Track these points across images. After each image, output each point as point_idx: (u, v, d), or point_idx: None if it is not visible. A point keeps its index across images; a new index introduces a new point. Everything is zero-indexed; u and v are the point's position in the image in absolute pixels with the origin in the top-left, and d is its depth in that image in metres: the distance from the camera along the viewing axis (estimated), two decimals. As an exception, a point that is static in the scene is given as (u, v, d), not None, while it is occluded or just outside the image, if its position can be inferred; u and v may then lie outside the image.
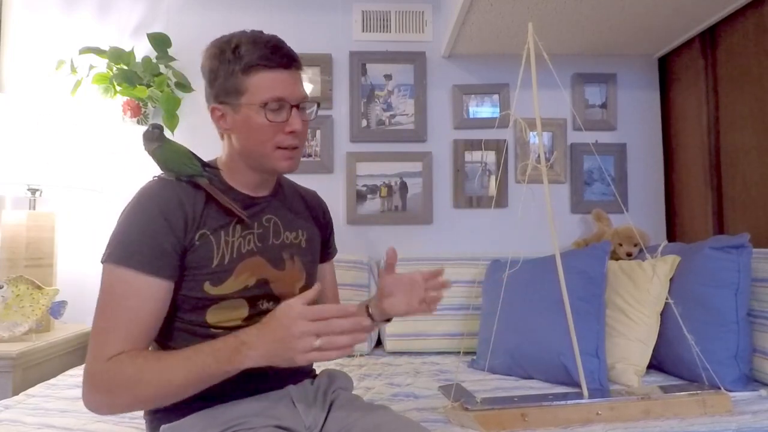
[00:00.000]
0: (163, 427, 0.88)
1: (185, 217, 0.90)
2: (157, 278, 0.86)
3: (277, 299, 0.97)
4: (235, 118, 0.95)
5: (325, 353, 0.74)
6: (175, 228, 0.88)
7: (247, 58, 0.92)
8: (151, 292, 0.86)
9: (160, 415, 0.90)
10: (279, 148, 0.94)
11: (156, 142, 0.94)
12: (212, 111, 0.98)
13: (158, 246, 0.87)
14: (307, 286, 1.04)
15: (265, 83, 0.92)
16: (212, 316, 0.92)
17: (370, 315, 1.01)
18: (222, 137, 1.01)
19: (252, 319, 0.93)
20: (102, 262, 0.88)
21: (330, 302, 1.17)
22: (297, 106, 0.94)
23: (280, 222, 1.02)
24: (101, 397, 0.83)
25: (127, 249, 0.86)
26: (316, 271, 1.11)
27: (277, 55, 0.93)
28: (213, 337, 0.86)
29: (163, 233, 0.87)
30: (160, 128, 0.96)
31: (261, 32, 0.97)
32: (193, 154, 0.96)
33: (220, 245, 0.92)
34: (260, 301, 0.96)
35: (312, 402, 0.97)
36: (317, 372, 1.09)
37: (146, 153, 0.95)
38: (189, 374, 0.80)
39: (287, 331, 0.75)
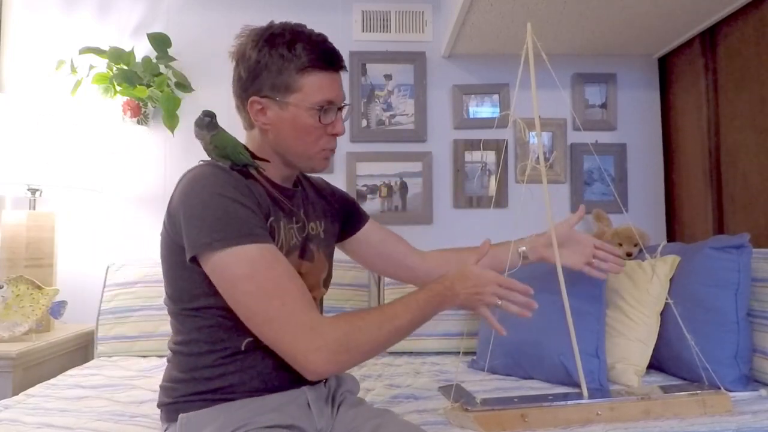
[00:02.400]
0: (181, 415, 0.88)
1: (257, 201, 0.90)
2: (273, 244, 0.88)
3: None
4: (280, 115, 0.93)
5: (501, 308, 0.96)
6: (257, 203, 0.90)
7: (305, 58, 0.91)
8: (283, 257, 0.88)
9: (179, 405, 0.90)
10: (323, 150, 0.96)
11: (213, 129, 0.93)
12: (251, 103, 0.94)
13: (259, 217, 0.88)
14: (329, 277, 1.09)
15: (319, 85, 0.92)
16: None
17: (523, 255, 1.22)
18: (249, 129, 0.99)
19: None
20: (207, 253, 0.82)
21: (400, 252, 1.24)
22: (341, 108, 0.96)
23: (306, 214, 1.03)
24: (340, 355, 0.84)
25: (241, 226, 0.83)
26: (332, 260, 1.13)
27: (334, 58, 0.94)
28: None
29: (252, 206, 0.87)
30: (212, 115, 0.93)
31: (305, 26, 0.96)
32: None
33: (280, 236, 0.93)
34: None
35: (324, 405, 0.97)
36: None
37: (195, 137, 0.95)
38: (413, 318, 0.91)
39: (483, 288, 0.95)
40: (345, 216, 1.18)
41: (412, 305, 0.91)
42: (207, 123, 0.93)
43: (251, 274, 0.82)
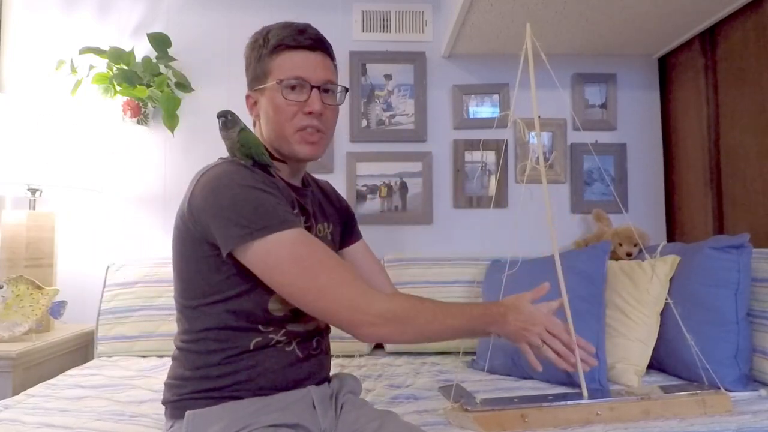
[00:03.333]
0: (188, 412, 0.88)
1: (282, 194, 0.92)
2: (304, 228, 0.90)
3: None
4: (261, 102, 0.97)
5: (534, 357, 0.96)
6: (283, 194, 0.92)
7: (274, 40, 0.94)
8: (314, 238, 0.90)
9: (185, 402, 0.90)
10: (299, 130, 0.95)
11: (233, 126, 0.94)
12: (246, 99, 1.00)
13: (287, 205, 0.90)
14: None
15: (287, 63, 0.94)
16: (273, 304, 0.92)
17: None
18: (254, 126, 1.02)
19: (295, 308, 0.92)
20: (245, 246, 0.84)
21: (376, 280, 1.16)
22: (319, 88, 0.95)
23: (315, 215, 1.04)
24: (392, 327, 0.86)
25: (274, 216, 0.85)
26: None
27: (302, 36, 0.95)
28: (265, 323, 0.91)
29: (279, 195, 0.90)
30: (226, 114, 0.95)
31: (295, 21, 0.99)
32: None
33: None
34: None
35: (328, 405, 0.98)
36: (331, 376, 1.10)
37: (222, 138, 0.95)
38: (461, 325, 0.91)
39: (532, 327, 0.94)
40: (343, 226, 1.18)
41: (467, 313, 0.93)
42: (223, 123, 0.94)
43: (294, 257, 0.85)
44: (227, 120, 0.94)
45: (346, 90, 1.03)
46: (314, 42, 0.96)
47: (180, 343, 0.95)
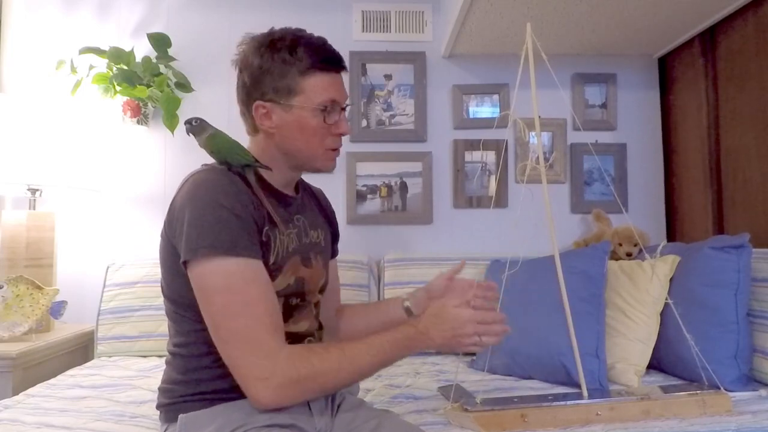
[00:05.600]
0: (181, 416, 0.88)
1: (254, 208, 0.90)
2: (260, 260, 0.87)
3: (304, 296, 1.00)
4: (285, 118, 0.94)
5: (479, 347, 0.94)
6: (253, 215, 0.88)
7: (307, 61, 0.93)
8: (264, 275, 0.87)
9: (178, 406, 0.90)
10: (330, 149, 0.97)
11: (201, 132, 0.94)
12: (255, 108, 0.95)
13: (251, 230, 0.87)
14: (326, 284, 1.09)
15: (322, 86, 0.94)
16: None
17: (407, 310, 1.12)
18: (253, 133, 1.00)
19: (285, 315, 0.93)
20: (194, 260, 0.83)
21: (333, 301, 1.19)
22: (344, 108, 0.97)
23: (307, 221, 1.04)
24: (286, 391, 0.83)
25: (228, 238, 0.83)
26: (328, 269, 1.12)
27: (334, 59, 0.96)
28: None
29: (249, 218, 0.87)
30: (191, 121, 0.95)
31: (305, 31, 0.97)
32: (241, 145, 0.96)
33: (276, 242, 0.93)
34: (291, 298, 0.97)
35: (324, 405, 0.97)
36: None
37: (199, 146, 0.95)
38: (375, 360, 0.88)
39: (461, 330, 0.91)
40: (333, 235, 1.18)
41: (376, 348, 0.88)
42: (190, 129, 0.94)
43: (225, 288, 0.82)
44: (192, 126, 0.94)
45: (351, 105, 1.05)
46: (342, 65, 0.97)
47: (171, 348, 0.96)
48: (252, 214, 0.88)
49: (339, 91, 0.96)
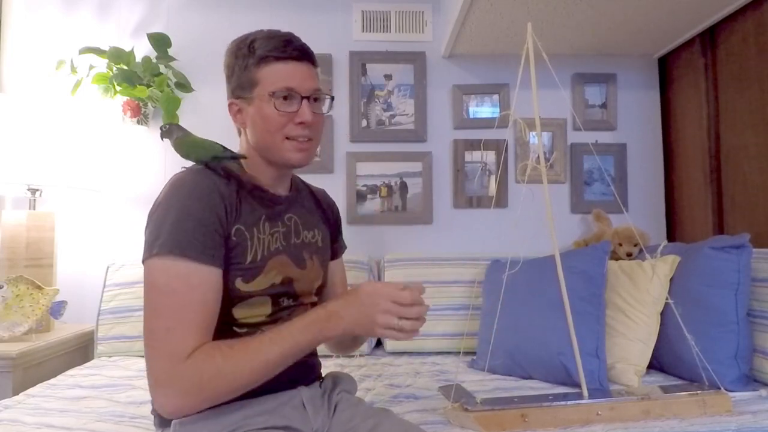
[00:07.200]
0: (174, 422, 0.87)
1: (225, 208, 0.89)
2: (214, 267, 0.85)
3: (297, 297, 0.99)
4: (249, 111, 0.96)
5: (399, 333, 0.84)
6: (219, 216, 0.87)
7: (260, 51, 0.94)
8: (212, 283, 0.85)
9: None
10: (288, 138, 0.95)
11: (174, 133, 0.95)
12: (230, 107, 0.99)
13: (209, 233, 0.85)
14: (323, 285, 1.08)
15: (275, 74, 0.94)
16: (239, 312, 0.91)
17: None
18: (239, 134, 1.02)
19: (275, 315, 0.94)
20: (147, 258, 0.83)
21: (334, 292, 1.18)
22: (308, 98, 0.95)
23: (300, 221, 1.03)
24: (190, 398, 0.81)
25: (181, 239, 0.82)
26: (328, 270, 1.12)
27: (289, 47, 0.95)
28: (236, 333, 0.89)
29: (211, 221, 0.86)
30: (162, 126, 0.98)
31: (279, 31, 0.98)
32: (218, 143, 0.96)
33: (253, 241, 0.92)
34: (282, 299, 0.97)
35: (320, 405, 0.97)
36: (323, 375, 1.09)
37: (176, 153, 0.96)
38: (283, 350, 0.83)
39: (374, 307, 0.83)
40: (331, 235, 1.17)
41: (284, 337, 0.84)
42: (162, 135, 0.97)
43: (163, 287, 0.82)
44: (163, 132, 0.97)
45: (332, 98, 1.03)
46: (301, 53, 0.96)
47: None
48: (220, 216, 0.87)
49: (297, 79, 0.94)
